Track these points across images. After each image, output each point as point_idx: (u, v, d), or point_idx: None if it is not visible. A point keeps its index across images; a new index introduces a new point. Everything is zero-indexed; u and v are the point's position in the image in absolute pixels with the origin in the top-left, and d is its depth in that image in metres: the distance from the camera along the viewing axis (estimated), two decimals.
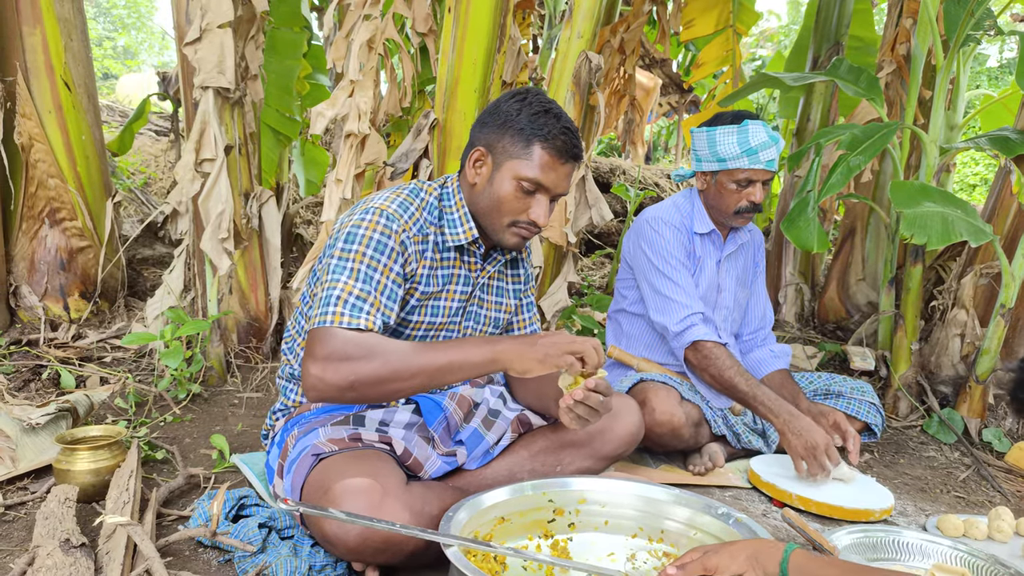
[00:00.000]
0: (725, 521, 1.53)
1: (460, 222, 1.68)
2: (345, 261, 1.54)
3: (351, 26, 2.77)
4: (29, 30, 2.92)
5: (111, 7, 21.09)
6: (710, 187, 2.38)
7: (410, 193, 1.67)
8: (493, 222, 1.64)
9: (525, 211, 1.61)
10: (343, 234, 1.57)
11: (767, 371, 2.51)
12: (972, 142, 2.92)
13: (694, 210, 2.45)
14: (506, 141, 1.60)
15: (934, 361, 3.03)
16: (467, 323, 1.79)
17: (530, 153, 1.58)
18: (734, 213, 2.35)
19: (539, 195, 1.60)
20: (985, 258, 3.04)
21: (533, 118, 1.58)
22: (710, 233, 2.45)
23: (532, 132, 1.58)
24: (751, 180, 2.30)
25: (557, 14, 6.32)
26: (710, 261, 2.46)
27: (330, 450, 1.54)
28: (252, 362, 2.93)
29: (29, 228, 3.02)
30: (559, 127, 1.59)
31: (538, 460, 1.78)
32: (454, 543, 1.30)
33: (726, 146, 2.27)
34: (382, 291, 1.55)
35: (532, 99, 1.62)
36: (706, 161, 2.34)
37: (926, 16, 2.81)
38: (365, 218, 1.57)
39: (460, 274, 1.73)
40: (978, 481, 2.55)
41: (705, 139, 2.32)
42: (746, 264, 2.58)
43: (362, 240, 1.55)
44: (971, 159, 12.05)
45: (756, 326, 2.63)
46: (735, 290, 2.53)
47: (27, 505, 1.78)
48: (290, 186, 4.54)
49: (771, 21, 12.58)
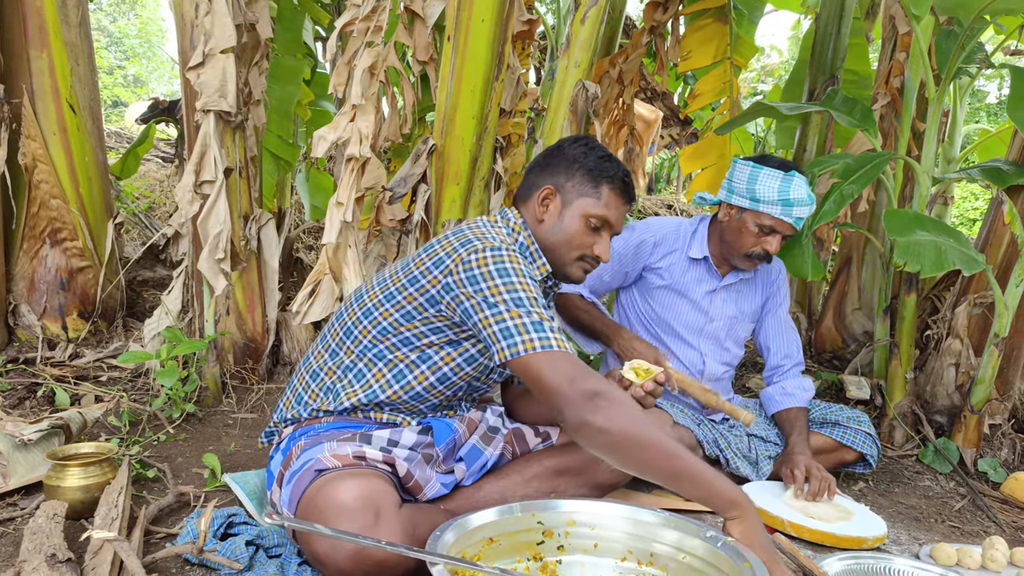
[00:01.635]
0: (713, 544, 1.52)
1: (534, 257, 1.75)
2: (512, 292, 1.52)
3: (353, 52, 2.82)
4: (36, 53, 2.97)
5: (123, 36, 21.43)
6: (731, 221, 2.35)
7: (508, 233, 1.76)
8: (562, 256, 1.75)
9: (591, 247, 1.74)
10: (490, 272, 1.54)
11: (775, 409, 2.47)
12: (964, 172, 2.95)
13: (696, 235, 2.44)
14: (575, 181, 1.73)
15: (929, 390, 3.02)
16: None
17: (599, 193, 1.72)
18: (745, 255, 2.33)
19: (603, 232, 1.75)
20: (979, 288, 3.05)
21: (599, 161, 1.73)
22: (703, 260, 2.44)
23: (600, 174, 1.72)
24: (774, 230, 2.28)
25: (559, 47, 6.41)
26: (697, 287, 2.44)
27: (332, 466, 1.54)
28: (248, 383, 2.93)
29: (30, 248, 3.05)
30: (622, 171, 1.75)
31: (532, 486, 1.78)
32: (440, 561, 1.29)
33: (766, 188, 2.24)
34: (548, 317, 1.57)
35: (594, 144, 1.77)
36: (738, 195, 2.31)
37: (918, 50, 2.85)
38: (501, 252, 1.57)
39: None
40: (973, 511, 2.54)
41: (747, 174, 2.28)
42: (753, 300, 2.53)
43: (514, 272, 1.56)
44: (971, 193, 12.11)
45: (776, 362, 2.55)
46: (730, 322, 2.49)
47: (16, 521, 1.78)
48: (292, 211, 4.59)
49: (772, 56, 12.74)
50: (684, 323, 2.46)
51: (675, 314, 2.46)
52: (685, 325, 2.46)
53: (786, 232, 2.30)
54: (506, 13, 2.77)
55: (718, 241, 2.42)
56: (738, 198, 2.31)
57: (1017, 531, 2.42)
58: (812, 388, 2.50)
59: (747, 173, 2.28)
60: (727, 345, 2.53)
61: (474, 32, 2.68)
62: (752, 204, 2.27)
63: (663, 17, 4.26)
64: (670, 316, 2.46)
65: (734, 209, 2.34)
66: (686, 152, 4.84)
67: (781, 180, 2.23)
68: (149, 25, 21.90)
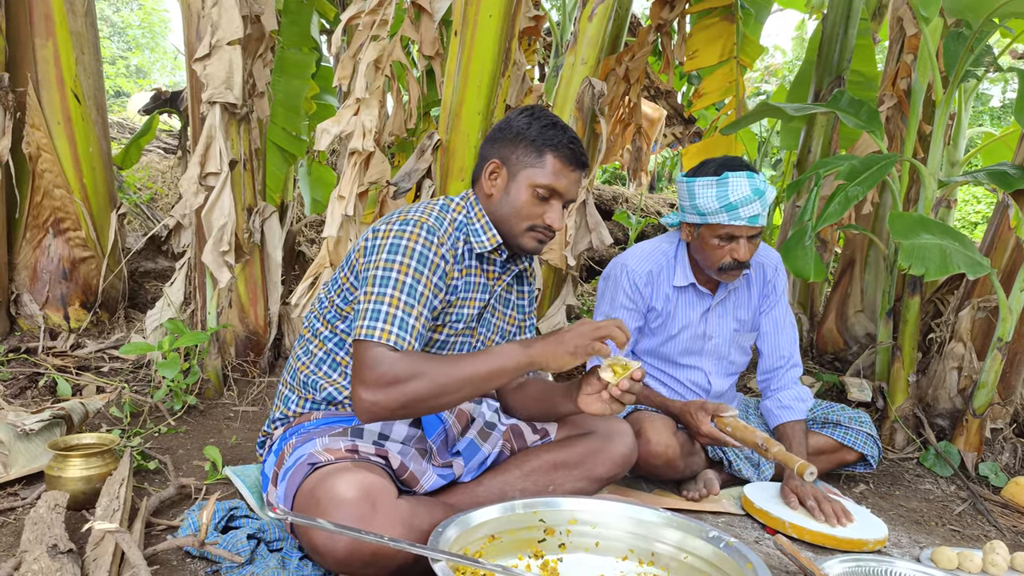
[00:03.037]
0: (716, 545, 1.52)
1: (483, 230, 1.74)
2: (389, 271, 1.58)
3: (359, 46, 2.82)
4: (41, 42, 2.97)
5: (126, 27, 21.39)
6: (694, 240, 2.26)
7: (442, 209, 1.74)
8: (512, 228, 1.72)
9: (541, 216, 1.71)
10: (386, 244, 1.61)
11: (775, 423, 2.38)
12: (971, 176, 2.94)
13: (676, 260, 2.35)
14: (519, 152, 1.71)
15: (931, 394, 3.02)
16: (482, 329, 1.83)
17: (543, 162, 1.69)
18: (718, 269, 2.23)
19: (553, 201, 1.71)
20: (983, 292, 3.04)
21: (543, 130, 1.70)
22: (689, 286, 2.35)
23: (543, 142, 1.69)
24: (733, 236, 2.15)
25: (564, 44, 6.40)
26: (691, 313, 2.36)
27: (326, 460, 1.54)
28: (249, 376, 2.93)
29: (33, 237, 3.04)
30: (567, 137, 1.71)
31: (530, 479, 1.78)
32: (443, 558, 1.29)
33: (705, 199, 2.14)
34: (424, 303, 1.60)
35: (540, 114, 1.74)
36: (688, 213, 2.22)
37: (926, 52, 2.85)
38: (407, 229, 1.62)
39: (480, 282, 1.78)
40: (974, 515, 2.54)
41: (685, 190, 2.20)
42: (750, 304, 2.44)
43: (406, 251, 1.60)
44: (973, 197, 12.10)
45: (771, 364, 2.45)
46: (731, 335, 2.42)
47: (17, 511, 1.78)
48: (295, 204, 4.58)
49: (776, 57, 12.72)
50: (682, 350, 2.40)
51: (672, 344, 2.39)
52: (683, 351, 2.40)
53: (746, 234, 2.15)
54: (513, 9, 2.76)
55: (693, 262, 2.34)
56: (689, 215, 2.22)
57: (1018, 535, 2.42)
58: (810, 397, 2.41)
59: (685, 188, 2.20)
60: (732, 358, 2.46)
61: (481, 28, 2.67)
62: (701, 219, 2.17)
63: (670, 15, 4.25)
64: (667, 348, 2.40)
65: (692, 227, 2.26)
66: (690, 152, 4.83)
67: (716, 186, 2.12)
68: (152, 16, 21.86)
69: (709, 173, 2.16)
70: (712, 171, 2.16)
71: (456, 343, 1.78)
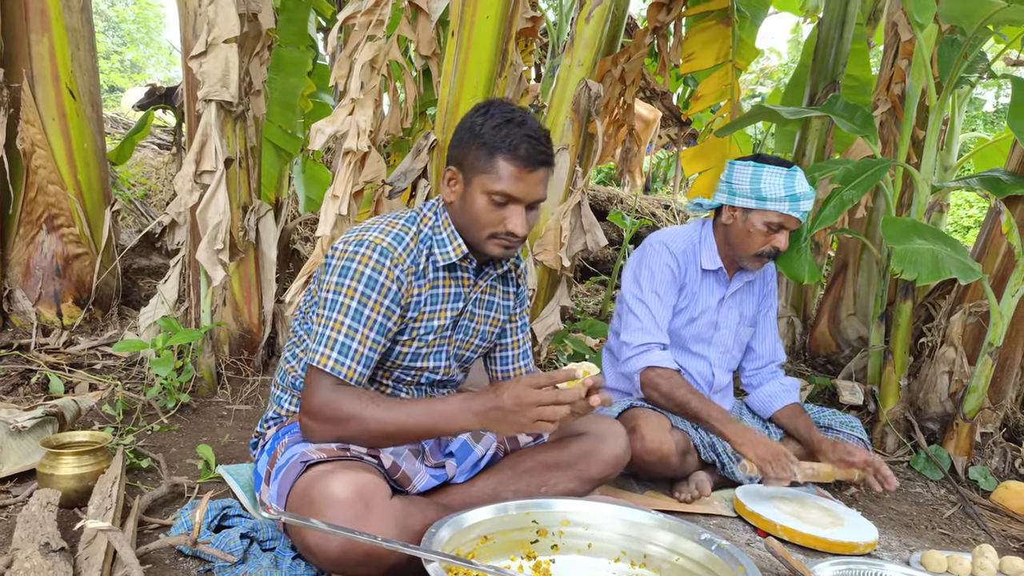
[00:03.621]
0: (708, 547, 1.53)
1: (449, 240, 1.69)
2: (338, 295, 1.59)
3: (355, 45, 2.81)
4: (37, 38, 2.95)
5: (121, 21, 21.30)
6: (736, 223, 2.32)
7: (406, 223, 1.68)
8: (474, 236, 1.65)
9: (502, 223, 1.61)
10: (338, 266, 1.60)
11: (778, 405, 2.49)
12: (963, 182, 2.96)
13: (703, 244, 2.41)
14: (472, 157, 1.60)
15: (922, 397, 3.04)
16: (458, 335, 1.79)
17: (495, 166, 1.57)
18: (754, 255, 2.32)
19: (511, 206, 1.60)
20: (974, 297, 3.06)
21: (495, 130, 1.57)
22: (716, 271, 2.42)
23: (495, 145, 1.56)
24: (782, 226, 2.26)
25: (560, 44, 6.41)
26: (711, 299, 2.42)
27: (318, 458, 1.54)
28: (243, 374, 2.92)
29: (27, 233, 3.03)
30: (521, 135, 1.56)
31: (523, 480, 1.79)
32: (436, 559, 1.30)
33: (771, 186, 2.22)
34: (371, 327, 1.59)
35: (495, 111, 1.60)
36: (742, 196, 2.28)
37: (920, 58, 2.86)
38: (359, 251, 1.59)
39: (451, 292, 1.73)
40: (963, 519, 2.55)
41: (749, 175, 2.26)
42: (753, 300, 2.53)
43: (354, 275, 1.58)
44: (965, 201, 12.16)
45: (763, 361, 2.57)
46: (736, 328, 2.49)
47: (9, 508, 1.77)
48: (289, 202, 4.57)
49: (771, 59, 12.75)
50: (695, 335, 2.44)
51: (690, 328, 2.43)
52: (695, 337, 2.45)
53: (793, 227, 2.28)
54: (511, 10, 2.77)
55: (723, 245, 2.40)
56: (742, 199, 2.28)
57: (1007, 539, 2.43)
58: (799, 385, 2.55)
59: (749, 173, 2.26)
60: (734, 352, 2.53)
61: (479, 28, 2.67)
62: (759, 203, 2.25)
63: (667, 18, 4.26)
64: (686, 330, 2.44)
65: (738, 211, 2.32)
66: (687, 154, 4.84)
67: (785, 176, 2.23)
68: (147, 11, 21.78)
69: (773, 163, 2.26)
70: (776, 162, 2.26)
71: (431, 353, 1.74)
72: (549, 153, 1.61)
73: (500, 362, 1.94)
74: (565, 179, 3.14)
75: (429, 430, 1.57)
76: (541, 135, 1.59)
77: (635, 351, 2.32)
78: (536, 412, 1.44)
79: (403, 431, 1.56)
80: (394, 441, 1.59)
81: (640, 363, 2.30)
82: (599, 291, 6.15)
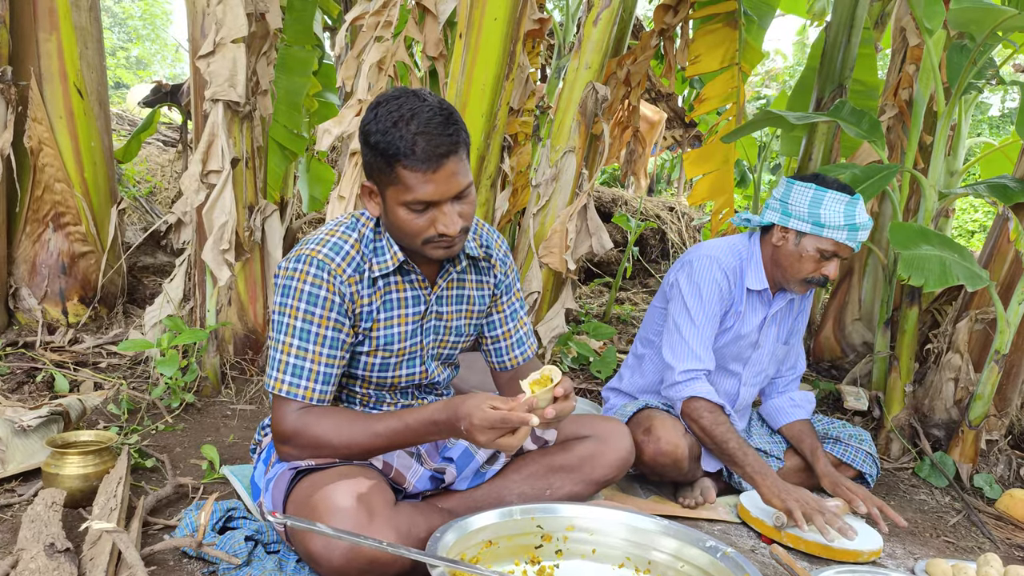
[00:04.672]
0: (712, 555, 1.52)
1: (386, 248, 1.61)
2: (283, 316, 1.57)
3: (362, 47, 2.81)
4: (45, 36, 2.96)
5: (127, 18, 21.33)
6: (787, 246, 2.22)
7: (347, 229, 1.61)
8: (409, 244, 1.56)
9: (431, 226, 1.49)
10: (280, 286, 1.58)
11: (785, 421, 2.45)
12: (971, 188, 2.95)
13: (752, 262, 2.30)
14: (375, 168, 1.49)
15: (927, 404, 3.03)
16: (428, 339, 1.72)
17: (398, 177, 1.44)
18: (802, 280, 2.22)
19: (433, 209, 1.48)
20: (981, 303, 3.05)
21: (386, 136, 1.43)
22: (762, 292, 2.32)
23: (390, 154, 1.43)
24: (836, 254, 2.17)
25: (566, 45, 6.40)
26: (754, 318, 2.33)
27: (306, 464, 1.54)
28: (247, 374, 2.93)
29: (33, 231, 3.04)
30: (412, 135, 1.41)
31: (527, 483, 1.78)
32: (440, 564, 1.30)
33: (831, 213, 2.12)
34: (322, 343, 1.56)
35: (381, 112, 1.45)
36: (798, 219, 2.18)
37: (929, 63, 2.85)
38: (297, 267, 1.55)
39: (407, 296, 1.66)
40: (968, 527, 2.55)
41: (809, 198, 2.16)
42: (791, 317, 2.45)
43: (294, 294, 1.55)
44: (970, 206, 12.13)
45: (785, 370, 2.53)
46: (773, 348, 2.42)
47: (13, 508, 1.78)
48: (294, 202, 4.57)
49: (777, 61, 12.74)
50: (733, 355, 2.38)
51: (729, 348, 2.36)
52: (734, 357, 2.38)
53: (846, 255, 2.19)
54: (518, 12, 2.76)
55: (770, 265, 2.29)
56: (797, 222, 2.18)
57: (1011, 548, 2.42)
58: (814, 400, 2.50)
59: (809, 196, 2.16)
60: (769, 371, 2.46)
61: (486, 30, 2.67)
62: (814, 229, 2.15)
63: (673, 20, 4.25)
64: (725, 349, 2.36)
65: (791, 233, 2.21)
66: (690, 157, 4.83)
67: (847, 204, 2.13)
68: (153, 7, 21.81)
69: (835, 188, 2.15)
70: (838, 187, 2.16)
71: (401, 362, 1.70)
72: (453, 137, 1.44)
73: (495, 354, 1.88)
74: (571, 182, 3.14)
75: (400, 446, 1.56)
76: (436, 122, 1.42)
77: (682, 377, 2.25)
78: (492, 445, 1.40)
79: (375, 449, 1.56)
80: (369, 456, 1.59)
81: (685, 392, 2.24)
82: (603, 293, 6.14)
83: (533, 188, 3.22)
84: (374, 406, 1.75)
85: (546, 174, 3.15)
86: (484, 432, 1.39)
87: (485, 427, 1.38)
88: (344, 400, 1.75)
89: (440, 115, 1.44)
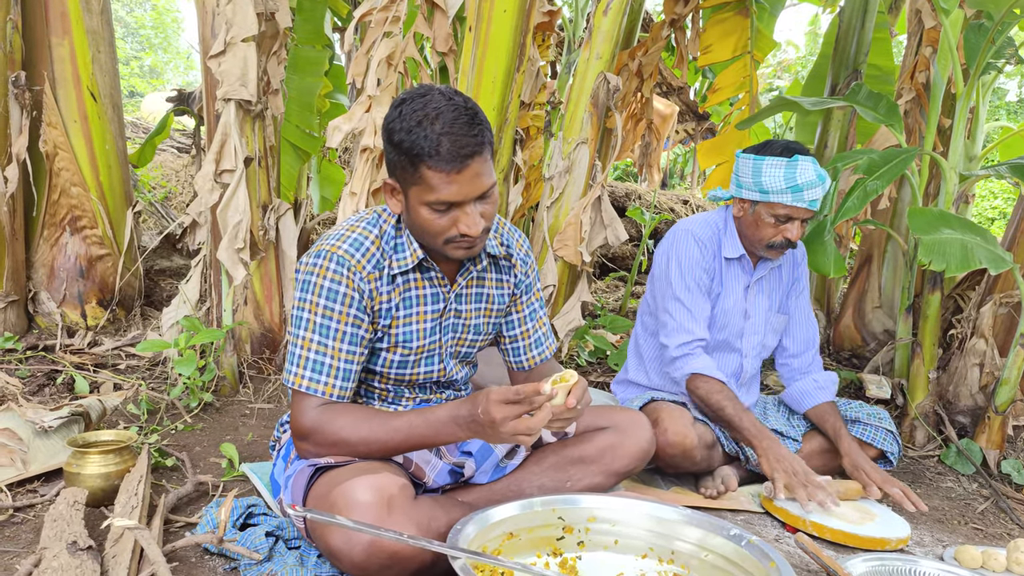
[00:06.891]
0: (737, 543, 1.50)
1: (406, 246, 1.60)
2: (302, 311, 1.56)
3: (371, 43, 2.81)
4: (58, 41, 2.98)
5: (139, 27, 21.52)
6: (746, 215, 2.30)
7: (368, 225, 1.61)
8: (430, 243, 1.55)
9: (454, 226, 1.49)
10: (300, 281, 1.58)
11: (810, 404, 2.43)
12: (992, 170, 2.90)
13: (726, 232, 2.38)
14: (399, 167, 1.48)
15: (952, 390, 2.98)
16: (446, 336, 1.71)
17: (421, 177, 1.44)
18: (767, 246, 2.28)
19: (456, 210, 1.48)
20: (1005, 287, 3.00)
21: (410, 135, 1.41)
22: (739, 258, 2.38)
23: (414, 153, 1.42)
24: (791, 217, 2.21)
25: (576, 39, 6.37)
26: (737, 286, 2.38)
27: (325, 462, 1.54)
28: (264, 373, 2.93)
29: (50, 235, 3.06)
30: (437, 134, 1.40)
31: (547, 475, 1.77)
32: (461, 556, 1.28)
33: (771, 178, 2.18)
34: (341, 338, 1.56)
35: (406, 110, 1.44)
36: (747, 189, 2.25)
37: (946, 44, 2.81)
38: (318, 263, 1.55)
39: (426, 293, 1.65)
40: (996, 513, 2.50)
41: (751, 167, 2.23)
42: (782, 286, 2.48)
43: (314, 289, 1.55)
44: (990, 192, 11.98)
45: (798, 349, 2.50)
46: (767, 315, 2.44)
47: (36, 507, 1.78)
48: (308, 201, 4.59)
49: (789, 52, 12.65)
50: (727, 327, 2.40)
51: (721, 320, 2.39)
52: (728, 329, 2.40)
53: (803, 216, 2.22)
54: (528, 4, 2.75)
55: (740, 236, 2.37)
56: (747, 192, 2.25)
57: None
58: (837, 379, 2.48)
59: (750, 165, 2.22)
60: (766, 341, 2.47)
61: (496, 23, 2.65)
62: (762, 196, 2.21)
63: (684, 10, 4.22)
64: (716, 323, 2.39)
65: (746, 203, 2.29)
66: (704, 147, 4.79)
67: (786, 167, 2.16)
68: (164, 16, 21.98)
69: (776, 153, 2.20)
70: (779, 151, 2.20)
71: (420, 359, 1.69)
72: (478, 137, 1.42)
73: (513, 354, 1.88)
74: (585, 173, 3.12)
75: (418, 444, 1.54)
76: (461, 122, 1.41)
77: (678, 352, 2.28)
78: (511, 427, 1.38)
79: (394, 446, 1.54)
80: (388, 454, 1.57)
81: (685, 368, 2.27)
82: (619, 287, 6.12)
83: (546, 181, 3.20)
84: (392, 401, 1.74)
85: (559, 166, 3.13)
86: (500, 408, 1.37)
87: (501, 402, 1.38)
88: (362, 395, 1.74)
89: (465, 115, 1.42)
